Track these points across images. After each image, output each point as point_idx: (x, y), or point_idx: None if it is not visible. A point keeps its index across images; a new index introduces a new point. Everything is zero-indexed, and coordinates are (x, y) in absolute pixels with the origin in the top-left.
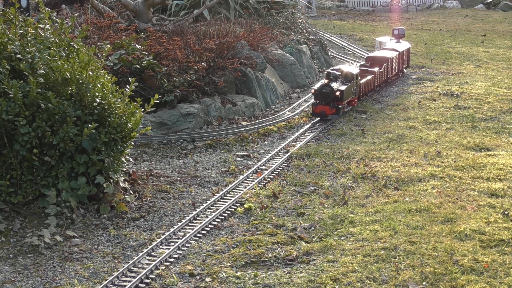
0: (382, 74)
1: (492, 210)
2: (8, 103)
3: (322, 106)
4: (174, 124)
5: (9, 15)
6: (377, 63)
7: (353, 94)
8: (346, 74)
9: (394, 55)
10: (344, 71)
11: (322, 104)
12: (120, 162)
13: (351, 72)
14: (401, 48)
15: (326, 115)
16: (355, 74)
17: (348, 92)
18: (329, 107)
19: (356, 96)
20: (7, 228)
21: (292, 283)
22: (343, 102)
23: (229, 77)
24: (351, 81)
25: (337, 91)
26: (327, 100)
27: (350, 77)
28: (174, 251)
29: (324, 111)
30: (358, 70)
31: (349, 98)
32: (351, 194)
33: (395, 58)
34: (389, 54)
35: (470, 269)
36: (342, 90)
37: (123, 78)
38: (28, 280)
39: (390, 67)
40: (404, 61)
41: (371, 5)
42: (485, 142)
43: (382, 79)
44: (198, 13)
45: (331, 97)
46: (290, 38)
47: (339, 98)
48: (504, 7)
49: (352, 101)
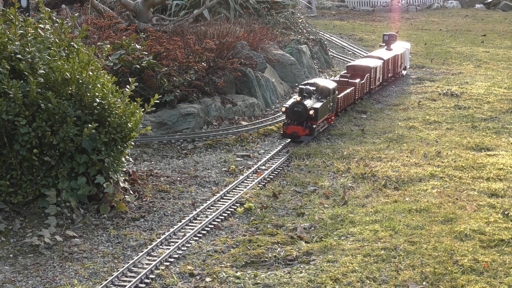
0: (364, 85)
1: (492, 210)
2: (8, 103)
3: (294, 127)
4: (174, 124)
5: (9, 15)
6: (359, 73)
7: (329, 111)
8: (321, 89)
9: (378, 64)
10: (320, 85)
11: (294, 124)
12: (120, 162)
13: (327, 86)
14: (388, 56)
15: (299, 136)
16: (331, 89)
17: (324, 110)
18: (302, 128)
19: (333, 112)
20: (7, 228)
21: (292, 283)
22: (318, 121)
23: (229, 77)
24: (327, 96)
25: (311, 110)
26: (300, 120)
27: (326, 92)
28: (174, 251)
29: (296, 132)
30: (335, 85)
31: (324, 116)
32: (351, 194)
33: (379, 67)
34: (372, 63)
35: (470, 269)
36: (316, 108)
37: (123, 78)
38: (28, 280)
39: (374, 77)
40: (389, 70)
41: (371, 5)
42: (485, 142)
43: (363, 91)
44: (198, 13)
45: (304, 116)
46: (290, 38)
47: (313, 117)
48: (504, 7)
49: (328, 119)
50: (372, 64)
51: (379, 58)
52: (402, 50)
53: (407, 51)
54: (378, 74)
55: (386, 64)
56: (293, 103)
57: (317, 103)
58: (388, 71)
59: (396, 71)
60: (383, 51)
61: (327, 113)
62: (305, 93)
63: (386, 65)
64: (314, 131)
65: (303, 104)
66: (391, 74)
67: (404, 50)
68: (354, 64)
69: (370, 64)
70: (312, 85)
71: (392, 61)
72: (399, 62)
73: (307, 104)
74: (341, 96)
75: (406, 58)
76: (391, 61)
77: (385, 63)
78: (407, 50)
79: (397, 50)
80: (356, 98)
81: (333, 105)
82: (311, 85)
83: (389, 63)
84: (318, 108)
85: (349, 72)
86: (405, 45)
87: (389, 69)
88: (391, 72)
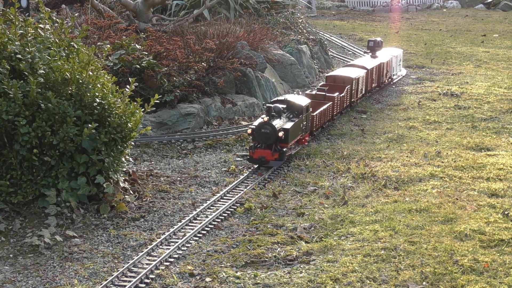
0: (344, 99)
1: (492, 210)
2: (8, 103)
3: (261, 150)
4: (174, 124)
5: (9, 15)
6: (339, 85)
7: (302, 131)
8: (293, 107)
9: (361, 75)
10: (291, 102)
11: (262, 147)
12: (120, 162)
13: (299, 104)
14: (372, 64)
15: (267, 161)
16: (304, 106)
17: (296, 130)
18: (271, 151)
19: (307, 132)
20: (7, 228)
21: (292, 283)
22: (289, 143)
23: (229, 77)
24: (299, 115)
25: (280, 131)
26: (268, 143)
27: (298, 110)
28: (174, 251)
29: (264, 157)
30: (308, 101)
31: (297, 137)
32: (351, 194)
33: (361, 78)
34: (354, 73)
35: (470, 269)
36: (287, 129)
37: (123, 78)
38: (28, 280)
39: (355, 89)
40: (373, 80)
41: (371, 5)
42: (485, 142)
43: (343, 106)
44: (198, 13)
45: (272, 139)
46: (290, 38)
47: (283, 139)
48: (504, 7)
49: (302, 139)
50: (353, 74)
51: (362, 67)
52: (388, 58)
53: (395, 58)
54: (360, 85)
55: (370, 74)
56: (260, 124)
57: (287, 123)
58: (372, 81)
59: (381, 80)
60: (367, 59)
61: (299, 133)
62: (273, 112)
63: (369, 74)
64: (285, 155)
65: (271, 125)
66: (375, 84)
67: (390, 57)
68: (334, 74)
69: (352, 75)
70: (282, 102)
71: (376, 70)
72: (384, 71)
73: (276, 124)
74: (316, 114)
75: (393, 66)
76: (375, 70)
77: (368, 73)
78: (395, 57)
79: (382, 58)
80: (334, 114)
81: (306, 124)
82: (281, 103)
83: (373, 73)
84: (289, 129)
85: (328, 84)
86: (393, 51)
87: (373, 79)
88: (375, 82)
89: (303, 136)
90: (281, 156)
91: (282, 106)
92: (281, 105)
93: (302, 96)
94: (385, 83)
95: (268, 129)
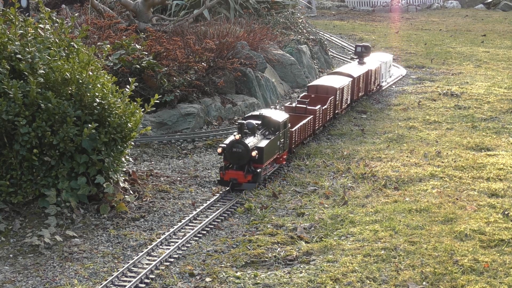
0: (327, 111)
1: (492, 210)
2: (8, 103)
3: (233, 172)
4: (174, 124)
5: (9, 15)
6: (322, 96)
7: (280, 149)
8: (269, 123)
9: (346, 84)
10: (267, 118)
11: (234, 168)
12: (120, 162)
13: (276, 119)
14: (359, 72)
15: (239, 184)
16: (281, 122)
17: (272, 149)
18: (243, 173)
19: (285, 150)
20: (7, 228)
21: (292, 283)
22: (264, 163)
23: (229, 77)
24: (276, 131)
25: (253, 150)
26: (241, 163)
27: (274, 126)
28: (174, 251)
29: (236, 179)
30: (285, 117)
31: (273, 156)
32: (351, 194)
33: (346, 87)
34: (339, 82)
35: (470, 269)
36: (261, 147)
37: (123, 78)
38: (28, 280)
39: (340, 99)
40: (360, 89)
41: (371, 5)
42: (485, 142)
43: (326, 118)
44: (198, 13)
45: (245, 159)
46: (290, 38)
47: (258, 159)
48: (504, 7)
49: (279, 158)
50: (338, 84)
51: (347, 75)
52: (377, 64)
53: (384, 64)
54: (345, 95)
55: (356, 82)
56: (231, 142)
57: (262, 140)
58: (359, 89)
59: (369, 88)
60: (353, 66)
61: (276, 152)
62: (246, 129)
63: (356, 83)
64: (259, 176)
65: (243, 143)
66: (361, 93)
67: (379, 64)
68: (316, 84)
69: (336, 85)
70: (257, 118)
71: (363, 78)
72: (372, 79)
73: (249, 143)
74: (296, 129)
75: (382, 73)
76: (362, 78)
77: (354, 81)
78: (384, 63)
79: (371, 64)
80: (316, 128)
81: (284, 142)
82: (255, 118)
83: (359, 81)
84: (264, 148)
85: (310, 94)
86: (382, 57)
87: (360, 88)
88: (362, 90)
89: (281, 154)
90: (255, 178)
91: (256, 122)
92: (255, 121)
93: (280, 111)
94: (373, 91)
95: (240, 148)
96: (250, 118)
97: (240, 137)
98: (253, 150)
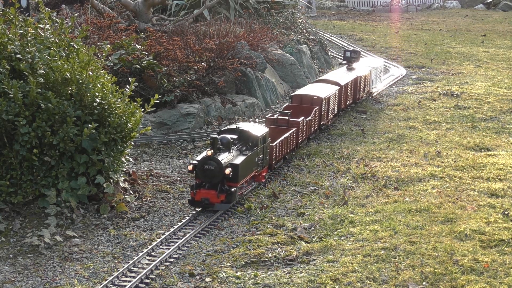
0: (311, 123)
1: (492, 210)
2: (8, 103)
3: (205, 191)
4: (174, 124)
5: (9, 15)
6: (306, 106)
7: (258, 166)
8: (246, 137)
9: (332, 92)
10: (244, 132)
11: (206, 187)
12: (120, 162)
13: (253, 133)
14: (347, 79)
15: (211, 204)
16: (260, 137)
17: (249, 166)
18: (216, 192)
19: (264, 167)
20: (7, 228)
21: (292, 283)
22: (239, 182)
23: (229, 77)
24: (254, 147)
25: (227, 168)
26: (214, 182)
27: (252, 141)
28: (174, 251)
29: (208, 199)
30: (265, 131)
31: (250, 173)
32: (351, 194)
33: (333, 96)
34: (325, 91)
35: (470, 269)
36: (236, 164)
37: (123, 78)
38: (28, 280)
39: (325, 109)
40: (348, 97)
41: (371, 5)
42: (485, 142)
43: (310, 131)
44: (198, 13)
45: (218, 177)
46: (290, 38)
47: (232, 177)
48: (504, 7)
49: (258, 175)
50: (323, 93)
51: (334, 83)
52: (367, 71)
53: (375, 70)
54: (331, 105)
55: (344, 90)
56: (203, 159)
57: (238, 157)
58: (347, 98)
59: (357, 96)
60: (341, 73)
61: (254, 169)
62: (220, 145)
63: (343, 91)
64: (234, 195)
65: (216, 160)
66: (350, 101)
67: (369, 70)
68: (300, 93)
69: (321, 94)
70: (234, 132)
71: (352, 86)
72: (362, 86)
73: (222, 159)
74: (277, 143)
75: (372, 79)
76: (350, 86)
77: (342, 90)
78: (374, 69)
79: (360, 71)
80: (300, 141)
81: (264, 157)
82: (231, 132)
83: (347, 89)
84: (239, 165)
85: (294, 105)
86: (373, 62)
87: (348, 96)
88: (350, 98)
89: (259, 171)
90: (229, 197)
91: (232, 136)
92: (231, 135)
93: (259, 124)
94: (362, 98)
95: (212, 165)
96: (225, 132)
97: (212, 153)
98: (227, 167)
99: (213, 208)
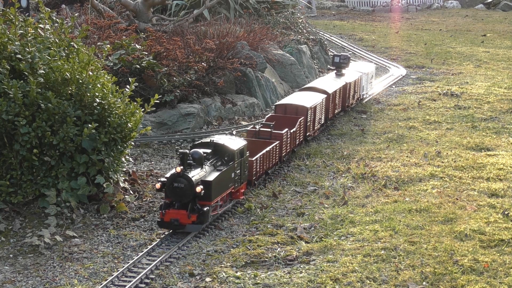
0: (295, 135)
1: (492, 210)
2: (8, 103)
3: (174, 211)
4: (174, 124)
5: (9, 15)
6: (290, 117)
7: (235, 182)
8: (221, 151)
9: (319, 101)
10: (219, 145)
11: (175, 206)
12: (120, 162)
13: (229, 147)
14: (335, 86)
15: (182, 225)
16: (236, 151)
17: (224, 182)
18: (186, 212)
19: (243, 182)
20: (7, 228)
21: (292, 283)
22: (213, 200)
23: (229, 77)
24: (230, 161)
25: (198, 185)
26: (184, 201)
27: (228, 156)
28: (174, 251)
29: (178, 219)
30: (242, 144)
31: (226, 191)
32: (351, 194)
33: (319, 105)
34: (310, 100)
35: (470, 269)
36: (209, 181)
37: (123, 78)
38: (28, 280)
39: (311, 119)
40: (336, 105)
41: (371, 5)
42: (485, 142)
43: (294, 143)
44: (198, 13)
45: (188, 195)
46: (290, 38)
47: (204, 196)
48: (504, 7)
49: (236, 192)
50: (309, 102)
51: (322, 91)
52: (357, 76)
53: (365, 76)
54: (318, 115)
55: (332, 99)
56: (172, 176)
57: (212, 173)
58: (335, 106)
59: (346, 103)
60: (330, 79)
61: (230, 185)
62: (192, 160)
63: (331, 99)
64: (207, 215)
65: (186, 177)
66: (338, 109)
67: (359, 76)
68: (285, 103)
69: (307, 103)
70: (207, 145)
71: (340, 93)
72: (351, 92)
73: (193, 176)
74: (257, 158)
75: (363, 85)
76: (339, 93)
77: (329, 98)
78: (365, 75)
79: (349, 77)
80: (283, 155)
81: (241, 173)
82: (205, 146)
83: (335, 97)
84: (212, 182)
85: (277, 115)
86: (363, 68)
87: (336, 104)
88: (339, 106)
89: (237, 188)
90: (201, 218)
91: (205, 150)
92: (204, 149)
93: (237, 137)
94: (351, 105)
95: (182, 182)
96: (199, 146)
97: (182, 170)
98: (198, 185)
99: (184, 230)
